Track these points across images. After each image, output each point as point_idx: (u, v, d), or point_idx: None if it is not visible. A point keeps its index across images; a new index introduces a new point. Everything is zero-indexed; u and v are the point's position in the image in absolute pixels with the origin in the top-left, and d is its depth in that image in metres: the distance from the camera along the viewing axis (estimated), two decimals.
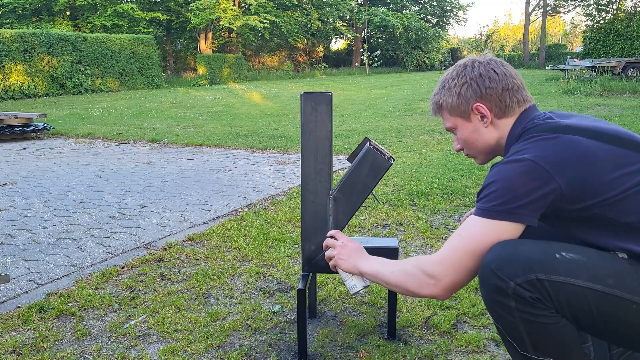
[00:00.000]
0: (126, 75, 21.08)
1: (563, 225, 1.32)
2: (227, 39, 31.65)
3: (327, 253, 1.65)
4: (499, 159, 1.39)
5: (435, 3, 40.99)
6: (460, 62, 1.47)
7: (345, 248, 1.60)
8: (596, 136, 1.27)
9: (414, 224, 3.47)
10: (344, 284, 1.58)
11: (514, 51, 50.62)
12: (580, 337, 1.25)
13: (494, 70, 1.40)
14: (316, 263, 1.93)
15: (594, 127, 1.30)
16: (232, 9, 27.16)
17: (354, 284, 1.63)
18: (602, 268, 1.19)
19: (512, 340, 1.27)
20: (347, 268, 1.58)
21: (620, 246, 1.24)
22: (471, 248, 1.29)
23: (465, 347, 1.97)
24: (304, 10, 32.76)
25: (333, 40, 42.37)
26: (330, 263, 1.63)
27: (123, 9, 25.26)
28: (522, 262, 1.20)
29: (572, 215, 1.27)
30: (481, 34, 47.81)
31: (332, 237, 1.69)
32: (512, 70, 1.42)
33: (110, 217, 3.84)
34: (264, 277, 2.67)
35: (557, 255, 1.21)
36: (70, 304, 2.37)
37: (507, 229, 1.26)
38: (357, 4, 37.15)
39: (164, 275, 2.71)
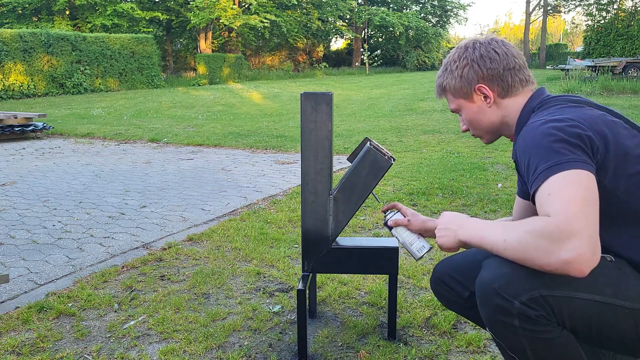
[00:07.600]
0: (126, 75, 21.06)
1: None
2: (227, 39, 31.63)
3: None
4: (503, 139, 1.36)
5: (436, 2, 40.91)
6: (462, 43, 1.47)
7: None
8: (616, 115, 1.27)
9: None
10: (409, 249, 1.50)
11: None
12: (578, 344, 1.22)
13: (495, 51, 1.39)
14: (316, 263, 1.92)
15: (610, 109, 1.31)
16: (232, 8, 27.13)
17: (422, 245, 1.53)
18: (599, 276, 1.14)
19: (514, 354, 1.23)
20: (450, 245, 1.33)
21: (619, 253, 1.21)
22: (580, 195, 1.07)
23: (466, 347, 1.97)
24: (304, 10, 32.71)
25: (333, 39, 42.36)
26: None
27: (123, 9, 25.22)
28: (523, 279, 1.14)
29: None
30: (482, 34, 47.79)
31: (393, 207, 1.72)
32: (514, 49, 1.40)
33: (109, 217, 3.83)
34: (264, 277, 2.67)
35: None
36: (69, 304, 2.37)
37: (587, 177, 1.10)
38: (357, 4, 37.10)
39: (163, 276, 2.70)
